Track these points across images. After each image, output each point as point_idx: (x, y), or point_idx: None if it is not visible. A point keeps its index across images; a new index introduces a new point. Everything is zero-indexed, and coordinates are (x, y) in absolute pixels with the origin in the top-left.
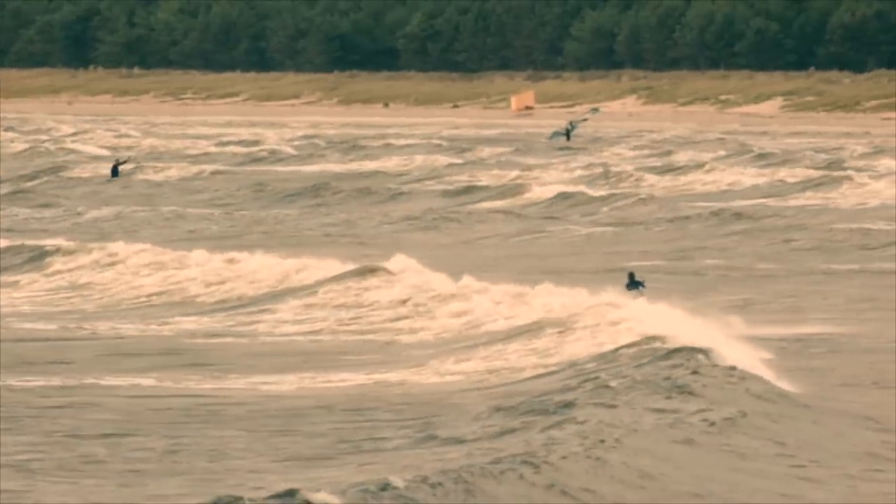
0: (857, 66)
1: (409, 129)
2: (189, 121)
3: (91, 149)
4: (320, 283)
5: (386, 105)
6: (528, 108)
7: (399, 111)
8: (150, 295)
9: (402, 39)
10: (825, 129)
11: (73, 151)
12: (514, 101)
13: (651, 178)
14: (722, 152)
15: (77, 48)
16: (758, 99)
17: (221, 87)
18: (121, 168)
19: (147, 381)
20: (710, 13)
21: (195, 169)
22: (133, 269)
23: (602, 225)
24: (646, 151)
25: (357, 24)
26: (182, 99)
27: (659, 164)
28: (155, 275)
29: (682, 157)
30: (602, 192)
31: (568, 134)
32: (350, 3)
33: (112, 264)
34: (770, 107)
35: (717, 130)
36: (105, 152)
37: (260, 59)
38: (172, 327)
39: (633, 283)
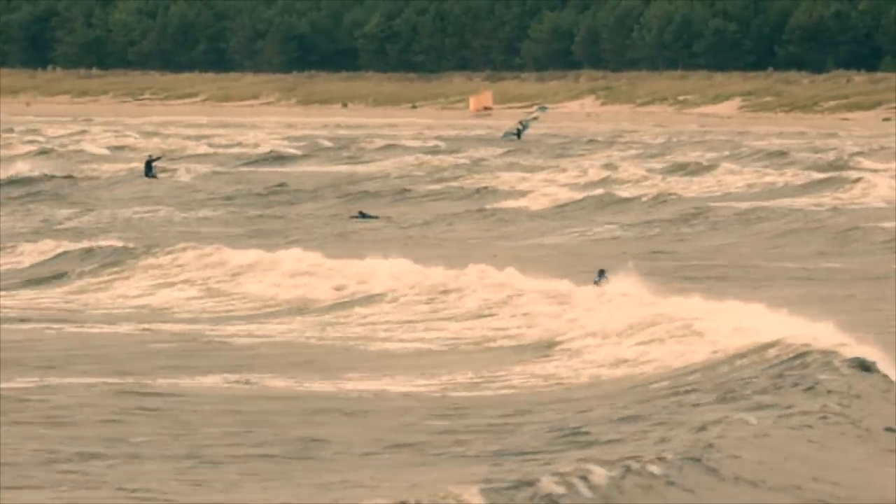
0: (816, 67)
1: (397, 129)
2: (175, 121)
3: (97, 149)
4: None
5: (344, 105)
6: (486, 108)
7: (358, 112)
8: (278, 299)
9: (360, 40)
10: (812, 129)
11: (81, 152)
12: (473, 102)
13: (673, 180)
14: (726, 152)
15: (35, 49)
16: (716, 99)
17: (180, 87)
18: (154, 165)
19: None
20: (668, 13)
21: (222, 167)
22: (273, 275)
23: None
24: (640, 152)
25: (315, 24)
26: (140, 99)
27: (662, 165)
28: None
29: (685, 158)
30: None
31: (519, 134)
32: (308, 3)
33: (244, 268)
34: (728, 107)
35: (720, 132)
36: (107, 152)
37: (218, 60)
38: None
39: (601, 275)
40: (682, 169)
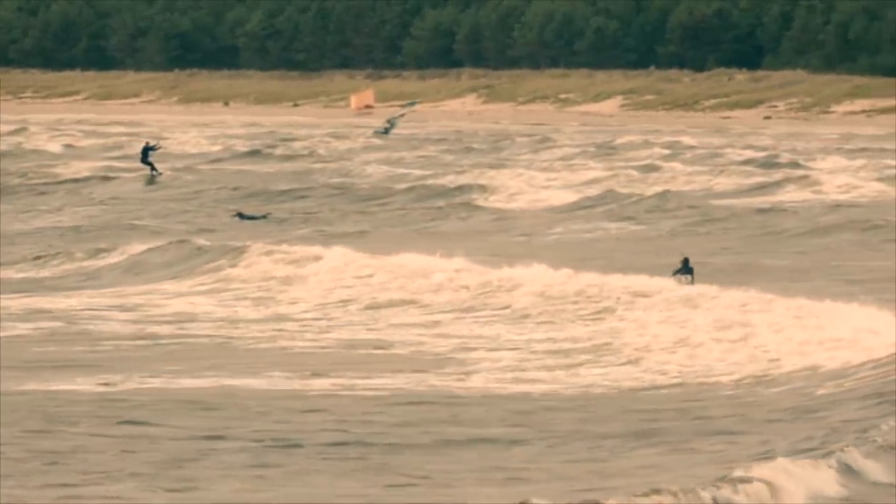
0: (697, 65)
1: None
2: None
3: (57, 147)
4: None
5: (226, 104)
6: (368, 106)
7: (239, 110)
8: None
9: (242, 38)
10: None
11: (44, 151)
12: (354, 100)
13: (652, 176)
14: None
15: None
16: (597, 98)
17: (61, 85)
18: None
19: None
20: (549, 12)
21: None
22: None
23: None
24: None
25: (197, 22)
26: (21, 98)
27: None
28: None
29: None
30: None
31: (387, 131)
32: (190, 1)
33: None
34: (610, 105)
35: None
36: (61, 149)
37: (100, 58)
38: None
39: (686, 269)
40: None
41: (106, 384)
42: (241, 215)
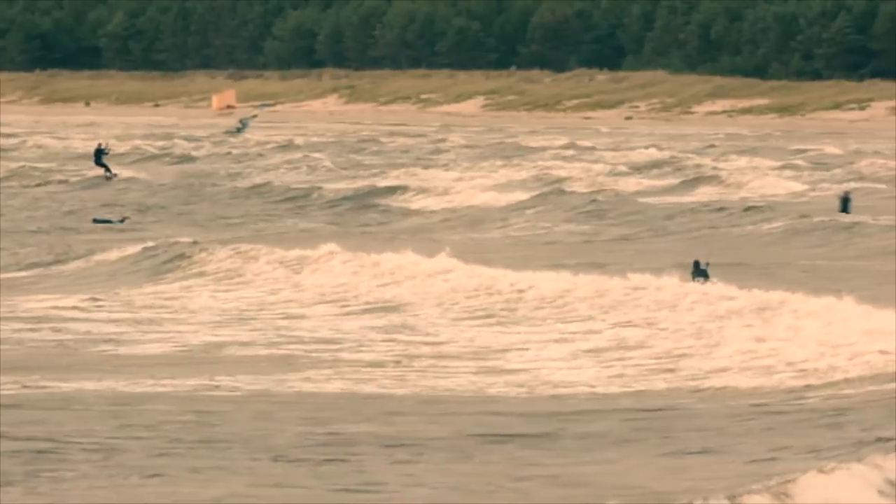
0: (559, 66)
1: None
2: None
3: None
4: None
5: (87, 104)
6: (229, 106)
7: (101, 110)
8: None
9: (103, 38)
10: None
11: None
12: (216, 100)
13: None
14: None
15: None
16: (459, 98)
17: None
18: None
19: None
20: (411, 12)
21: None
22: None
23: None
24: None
25: (58, 22)
26: None
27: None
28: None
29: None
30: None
31: (239, 130)
32: (51, 1)
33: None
34: (471, 106)
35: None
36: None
37: None
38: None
39: (699, 272)
40: None
41: None
42: (96, 220)
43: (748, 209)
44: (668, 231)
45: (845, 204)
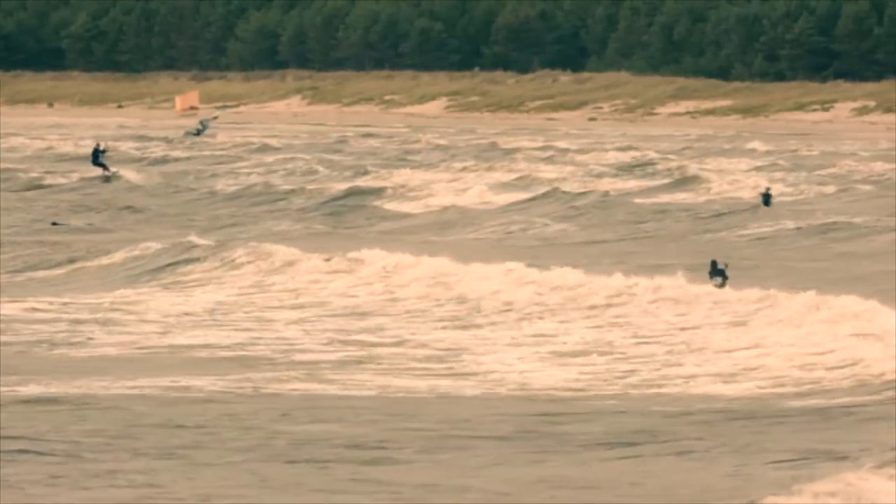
0: (522, 67)
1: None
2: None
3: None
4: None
5: (50, 105)
6: (192, 108)
7: (64, 111)
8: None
9: (66, 39)
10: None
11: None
12: (179, 102)
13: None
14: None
15: None
16: (422, 99)
17: None
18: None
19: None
20: (374, 13)
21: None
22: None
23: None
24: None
25: (21, 23)
26: None
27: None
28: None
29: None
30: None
31: (199, 133)
32: (14, 2)
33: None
34: (434, 107)
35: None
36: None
37: None
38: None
39: (717, 272)
40: None
41: None
42: (55, 223)
43: (748, 209)
44: (669, 231)
45: (767, 199)
